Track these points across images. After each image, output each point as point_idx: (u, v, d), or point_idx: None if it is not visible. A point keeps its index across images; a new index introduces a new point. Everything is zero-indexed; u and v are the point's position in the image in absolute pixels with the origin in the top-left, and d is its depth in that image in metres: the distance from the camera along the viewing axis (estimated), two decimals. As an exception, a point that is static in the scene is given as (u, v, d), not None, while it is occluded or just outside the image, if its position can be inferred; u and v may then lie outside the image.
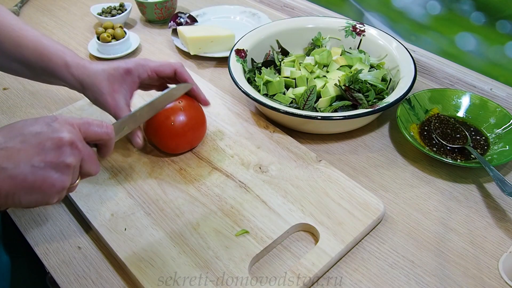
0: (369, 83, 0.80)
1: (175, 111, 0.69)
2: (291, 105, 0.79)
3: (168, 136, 0.70)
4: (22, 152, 0.45)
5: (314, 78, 0.82)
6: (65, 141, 0.48)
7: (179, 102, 0.70)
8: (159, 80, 0.72)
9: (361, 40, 0.91)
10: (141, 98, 0.84)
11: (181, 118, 0.69)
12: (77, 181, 0.53)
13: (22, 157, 0.45)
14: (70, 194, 0.66)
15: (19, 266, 0.73)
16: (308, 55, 0.90)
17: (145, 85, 0.73)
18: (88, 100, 0.83)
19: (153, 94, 0.75)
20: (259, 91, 0.81)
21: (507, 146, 0.71)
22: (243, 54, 0.86)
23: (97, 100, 0.67)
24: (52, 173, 0.47)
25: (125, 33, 1.01)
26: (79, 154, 0.50)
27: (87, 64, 0.66)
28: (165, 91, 0.68)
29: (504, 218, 0.65)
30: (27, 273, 0.75)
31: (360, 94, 0.78)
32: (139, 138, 0.67)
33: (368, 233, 0.63)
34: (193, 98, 0.72)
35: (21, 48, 0.66)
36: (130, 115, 0.63)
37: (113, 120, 0.66)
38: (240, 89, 0.77)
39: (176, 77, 0.70)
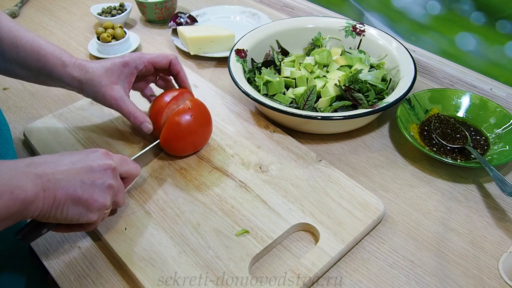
0: (369, 83, 0.80)
1: (184, 112, 0.69)
2: (291, 105, 0.79)
3: (175, 138, 0.69)
4: (73, 170, 0.51)
5: (314, 78, 0.82)
6: (110, 166, 0.54)
7: (188, 102, 0.70)
8: (155, 72, 0.74)
9: (361, 40, 0.91)
10: (142, 99, 0.84)
11: (189, 121, 0.69)
12: (108, 210, 0.56)
13: (74, 174, 0.50)
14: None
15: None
16: (308, 55, 0.90)
17: (140, 78, 0.75)
18: (89, 100, 0.83)
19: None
20: (259, 91, 0.81)
21: (507, 146, 0.71)
22: (243, 54, 0.86)
23: (96, 93, 0.68)
24: (97, 191, 0.52)
25: (125, 33, 1.01)
26: (117, 180, 0.56)
27: (84, 62, 0.68)
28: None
29: (504, 218, 0.65)
30: (27, 276, 0.75)
31: (360, 94, 0.78)
32: (148, 123, 0.69)
33: (368, 233, 0.63)
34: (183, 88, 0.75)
35: (18, 49, 0.67)
36: (141, 154, 0.68)
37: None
38: (240, 89, 0.77)
39: (170, 68, 0.73)
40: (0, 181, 0.44)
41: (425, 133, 0.77)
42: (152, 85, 0.78)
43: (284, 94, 0.82)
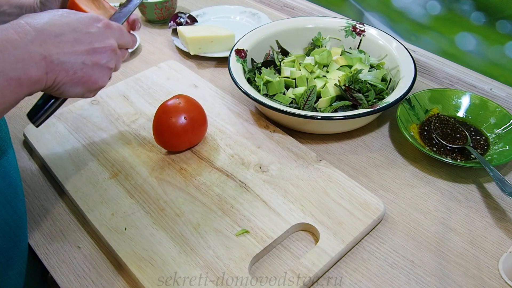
0: (369, 83, 0.80)
1: (176, 109, 0.70)
2: (291, 105, 0.79)
3: (168, 133, 0.70)
4: (77, 52, 0.50)
5: (314, 78, 0.82)
6: (112, 48, 0.54)
7: (177, 99, 0.71)
8: None
9: (361, 40, 0.91)
10: (143, 99, 0.84)
11: (182, 115, 0.70)
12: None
13: (76, 55, 0.50)
14: (70, 193, 0.66)
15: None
16: (308, 55, 0.90)
17: None
18: (89, 100, 0.84)
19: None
20: (259, 91, 0.81)
21: (507, 146, 0.71)
22: (243, 54, 0.86)
23: None
24: (97, 72, 0.53)
25: (125, 33, 1.01)
26: (117, 59, 0.56)
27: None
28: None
29: (504, 218, 0.65)
30: (26, 273, 0.75)
31: (360, 94, 0.78)
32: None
33: (368, 233, 0.63)
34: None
35: None
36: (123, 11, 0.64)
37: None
38: (240, 89, 0.77)
39: None
40: (7, 66, 0.45)
41: (425, 133, 0.77)
42: None
43: (284, 94, 0.82)
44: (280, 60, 0.89)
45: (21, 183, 0.65)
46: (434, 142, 0.75)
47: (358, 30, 0.91)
